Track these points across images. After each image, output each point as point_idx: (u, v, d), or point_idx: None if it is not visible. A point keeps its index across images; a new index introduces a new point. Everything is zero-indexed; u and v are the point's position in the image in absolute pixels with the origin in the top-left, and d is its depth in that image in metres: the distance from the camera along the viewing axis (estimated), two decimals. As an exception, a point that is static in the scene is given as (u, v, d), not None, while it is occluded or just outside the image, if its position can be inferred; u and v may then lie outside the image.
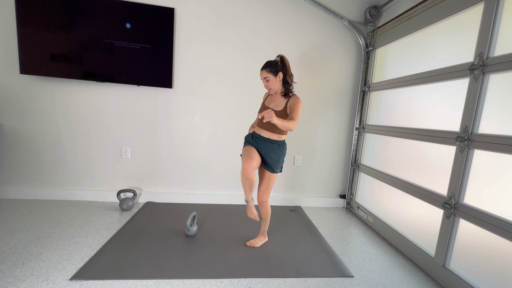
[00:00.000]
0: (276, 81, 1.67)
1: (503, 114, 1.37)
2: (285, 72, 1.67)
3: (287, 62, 1.68)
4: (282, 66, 1.66)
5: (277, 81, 1.67)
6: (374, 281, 1.60)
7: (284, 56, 1.69)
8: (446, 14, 1.72)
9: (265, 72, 1.66)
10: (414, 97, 2.02)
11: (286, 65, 1.67)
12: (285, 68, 1.67)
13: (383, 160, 2.38)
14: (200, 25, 2.45)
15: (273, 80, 1.66)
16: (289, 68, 1.69)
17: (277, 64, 1.66)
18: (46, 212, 2.18)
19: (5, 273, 1.41)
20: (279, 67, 1.66)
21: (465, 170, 1.51)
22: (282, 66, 1.66)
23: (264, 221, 1.89)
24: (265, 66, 1.67)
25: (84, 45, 2.23)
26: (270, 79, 1.66)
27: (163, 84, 2.42)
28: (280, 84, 1.69)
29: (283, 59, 1.67)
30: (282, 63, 1.67)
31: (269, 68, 1.65)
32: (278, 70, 1.65)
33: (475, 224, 1.44)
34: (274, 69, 1.65)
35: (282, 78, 1.67)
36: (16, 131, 2.38)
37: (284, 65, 1.67)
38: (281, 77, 1.67)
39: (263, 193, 1.81)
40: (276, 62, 1.67)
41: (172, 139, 2.58)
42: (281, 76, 1.67)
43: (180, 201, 2.64)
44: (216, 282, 1.48)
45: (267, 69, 1.65)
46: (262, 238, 1.94)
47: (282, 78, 1.67)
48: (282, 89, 1.71)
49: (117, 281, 1.42)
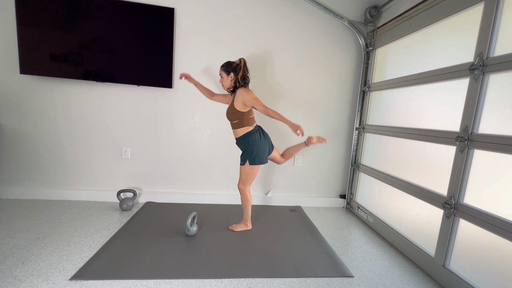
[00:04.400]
0: (228, 79, 1.88)
1: (503, 114, 1.37)
2: (237, 73, 1.86)
3: (242, 66, 1.86)
4: (235, 68, 1.85)
5: (228, 80, 1.88)
6: (374, 281, 1.60)
7: (243, 59, 1.88)
8: (446, 14, 1.72)
9: (220, 70, 1.90)
10: (414, 97, 2.02)
11: (241, 67, 1.86)
12: (237, 70, 1.85)
13: (383, 160, 2.38)
14: (200, 25, 2.45)
15: (225, 78, 1.89)
16: (242, 71, 1.86)
17: (232, 65, 1.86)
18: (46, 212, 2.18)
19: (5, 273, 1.41)
20: (232, 68, 1.86)
21: (465, 170, 1.51)
22: (236, 67, 1.85)
23: (243, 209, 2.09)
24: (222, 65, 1.89)
25: (84, 45, 2.23)
26: (223, 77, 1.89)
27: (163, 84, 2.42)
28: (231, 83, 1.90)
29: (240, 62, 1.87)
30: (237, 65, 1.86)
31: (224, 67, 1.88)
32: (230, 70, 1.86)
33: (475, 224, 1.44)
34: (227, 69, 1.86)
35: (233, 78, 1.87)
36: (16, 131, 2.38)
37: (238, 67, 1.86)
38: (232, 77, 1.87)
39: (239, 181, 2.03)
40: (233, 63, 1.87)
41: (172, 139, 2.58)
42: (233, 76, 1.87)
43: (180, 201, 2.64)
44: (216, 282, 1.48)
45: (223, 67, 1.88)
46: (243, 225, 2.12)
47: (233, 78, 1.87)
48: (231, 88, 1.91)
49: (117, 281, 1.42)
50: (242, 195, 2.02)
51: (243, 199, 2.03)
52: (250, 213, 2.11)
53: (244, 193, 2.01)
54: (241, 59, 1.87)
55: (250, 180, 2.00)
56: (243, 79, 1.87)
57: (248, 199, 2.03)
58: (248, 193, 2.03)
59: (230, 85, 1.90)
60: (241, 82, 1.87)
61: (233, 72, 1.86)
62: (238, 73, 1.85)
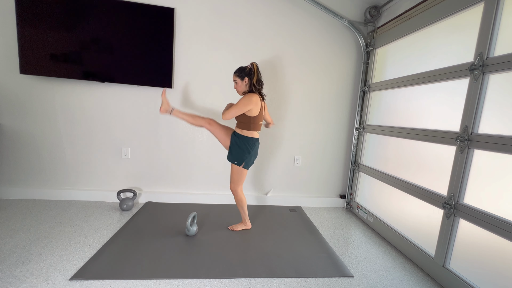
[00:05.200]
0: (242, 84, 1.89)
1: (503, 114, 1.37)
2: (251, 78, 1.86)
3: (255, 70, 1.87)
4: (249, 73, 1.86)
5: (243, 85, 1.89)
6: (374, 281, 1.60)
7: (255, 64, 1.88)
8: (446, 14, 1.72)
9: (234, 76, 1.90)
10: (414, 97, 2.02)
11: (254, 72, 1.86)
12: (252, 74, 1.86)
13: (383, 160, 2.38)
14: (200, 25, 2.45)
15: (239, 83, 1.89)
16: (256, 75, 1.87)
17: (245, 70, 1.87)
18: (46, 212, 2.18)
19: (5, 273, 1.41)
20: (246, 72, 1.86)
21: (465, 170, 1.51)
22: (249, 72, 1.86)
23: (240, 209, 2.10)
24: (235, 71, 1.90)
25: (84, 45, 2.23)
26: (237, 82, 1.90)
27: (163, 84, 2.41)
28: (246, 88, 1.90)
29: (253, 67, 1.87)
30: (250, 70, 1.87)
31: (238, 72, 1.88)
32: (244, 75, 1.86)
33: (475, 224, 1.44)
34: (241, 74, 1.87)
35: (248, 82, 1.87)
36: (16, 131, 2.38)
37: (252, 72, 1.86)
38: (247, 81, 1.87)
39: (230, 183, 2.04)
40: (245, 68, 1.88)
41: (172, 139, 2.58)
42: (247, 81, 1.87)
43: (180, 201, 2.64)
44: (216, 282, 1.48)
45: (236, 73, 1.89)
46: (242, 225, 2.14)
47: (248, 82, 1.87)
48: (246, 92, 1.91)
49: (117, 281, 1.42)
50: (235, 196, 2.04)
51: (237, 200, 2.05)
52: (247, 212, 2.12)
53: (237, 194, 2.03)
54: (253, 63, 1.88)
55: (241, 181, 2.02)
56: (258, 83, 1.89)
57: (242, 199, 2.05)
58: (241, 193, 2.04)
59: (246, 89, 1.90)
60: (257, 86, 1.89)
61: (247, 77, 1.86)
62: (253, 78, 1.86)
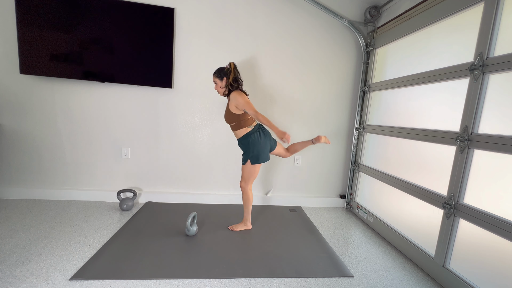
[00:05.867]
0: (222, 84, 1.91)
1: (503, 114, 1.37)
2: (228, 77, 1.88)
3: (232, 69, 1.89)
4: (226, 72, 1.88)
5: (223, 85, 1.91)
6: (374, 281, 1.60)
7: (232, 63, 1.91)
8: (446, 14, 1.72)
9: (213, 77, 1.93)
10: (414, 97, 2.02)
11: (231, 71, 1.88)
12: (228, 74, 1.88)
13: (383, 160, 2.38)
14: (200, 25, 2.45)
15: (219, 83, 1.92)
16: (233, 74, 1.88)
17: (223, 70, 1.89)
18: (46, 212, 2.18)
19: (5, 273, 1.41)
20: (224, 73, 1.89)
21: (465, 170, 1.51)
22: (227, 72, 1.88)
23: (244, 208, 2.11)
24: (215, 72, 1.92)
25: (84, 45, 2.23)
26: (217, 83, 1.92)
27: (163, 84, 2.42)
28: (226, 88, 1.92)
29: (230, 66, 1.89)
30: (228, 69, 1.89)
31: (217, 73, 1.91)
32: (223, 75, 1.89)
33: (475, 224, 1.44)
34: (220, 74, 1.90)
35: (226, 82, 1.90)
36: (16, 131, 2.38)
37: (229, 71, 1.88)
38: (225, 81, 1.89)
39: (241, 180, 2.05)
40: (223, 68, 1.90)
41: (172, 139, 2.58)
42: (226, 81, 1.89)
43: (180, 201, 2.64)
44: (216, 282, 1.48)
45: (215, 74, 1.91)
46: (243, 225, 2.14)
47: (226, 82, 1.90)
48: (226, 91, 1.93)
49: (117, 281, 1.42)
50: (244, 194, 2.05)
51: (245, 198, 2.05)
52: (250, 212, 2.12)
53: (246, 192, 2.04)
54: (231, 63, 1.91)
55: (252, 179, 2.02)
56: (235, 81, 1.90)
57: (250, 197, 2.05)
58: (249, 192, 2.05)
59: (225, 89, 1.93)
60: (234, 84, 1.90)
61: (226, 76, 1.89)
62: (229, 76, 1.88)
